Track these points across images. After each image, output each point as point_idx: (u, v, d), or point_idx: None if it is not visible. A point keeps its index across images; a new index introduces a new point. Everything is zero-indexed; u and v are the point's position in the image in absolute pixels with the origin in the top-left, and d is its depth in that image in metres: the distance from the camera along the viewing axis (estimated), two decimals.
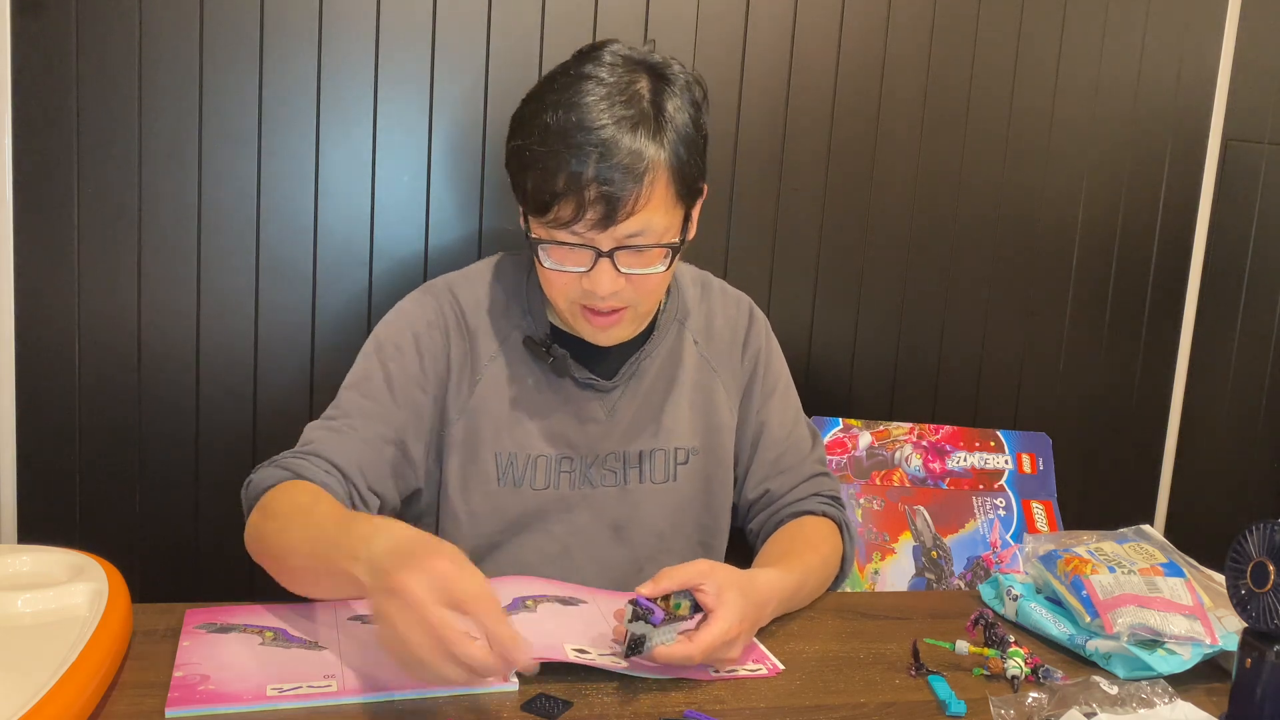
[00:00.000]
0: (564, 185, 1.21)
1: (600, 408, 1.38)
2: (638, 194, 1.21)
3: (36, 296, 1.64)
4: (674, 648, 1.08)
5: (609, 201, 1.20)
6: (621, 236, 1.23)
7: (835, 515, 1.43)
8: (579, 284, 1.26)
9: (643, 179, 1.21)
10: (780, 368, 1.51)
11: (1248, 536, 1.05)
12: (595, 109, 1.21)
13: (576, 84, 1.24)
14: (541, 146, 1.22)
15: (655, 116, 1.24)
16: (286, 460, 1.26)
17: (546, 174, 1.21)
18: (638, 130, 1.22)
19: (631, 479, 1.40)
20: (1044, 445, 2.00)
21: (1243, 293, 2.20)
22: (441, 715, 1.01)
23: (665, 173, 1.23)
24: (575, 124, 1.21)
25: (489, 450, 1.35)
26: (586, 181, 1.20)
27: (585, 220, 1.21)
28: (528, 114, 1.27)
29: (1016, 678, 1.14)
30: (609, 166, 1.20)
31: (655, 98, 1.25)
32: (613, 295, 1.26)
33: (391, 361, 1.34)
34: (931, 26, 1.93)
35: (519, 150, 1.26)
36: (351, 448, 1.29)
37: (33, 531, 1.68)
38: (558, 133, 1.21)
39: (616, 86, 1.23)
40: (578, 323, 1.32)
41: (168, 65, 1.64)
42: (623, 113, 1.22)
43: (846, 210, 1.94)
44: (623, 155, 1.20)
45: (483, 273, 1.42)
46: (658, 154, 1.22)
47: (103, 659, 1.00)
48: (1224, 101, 2.09)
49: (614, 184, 1.20)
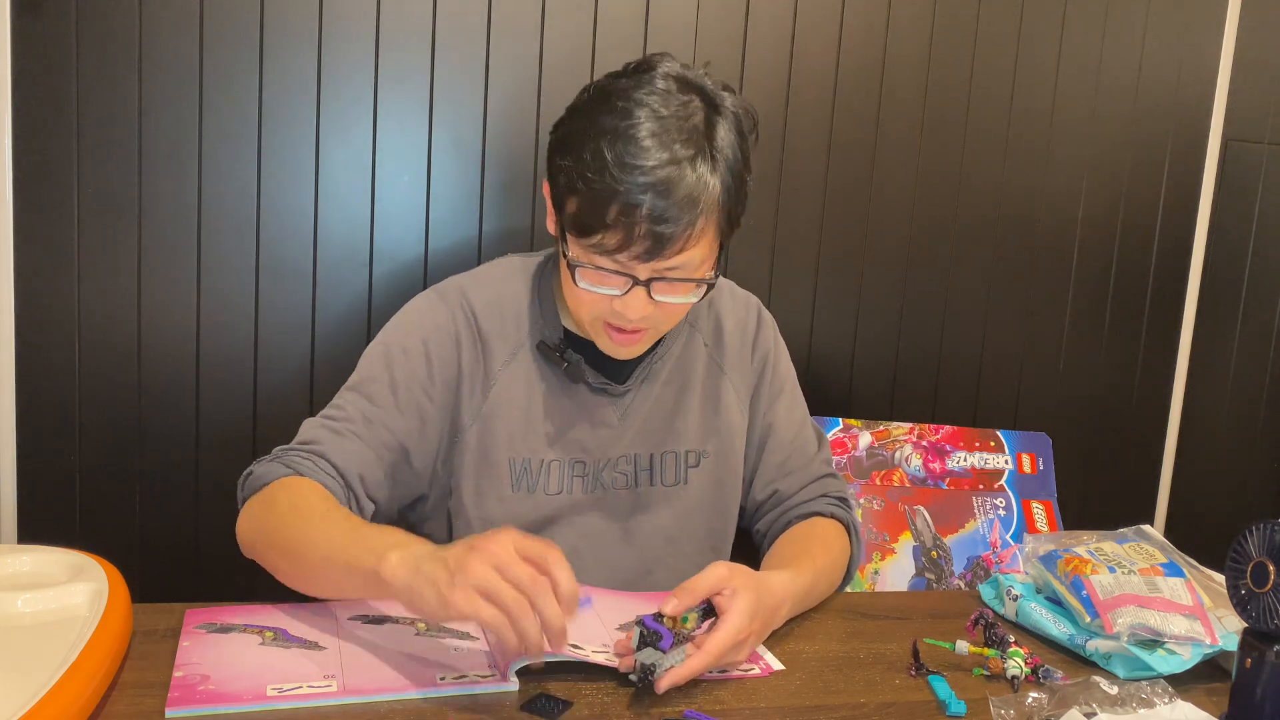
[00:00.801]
0: (614, 217, 1.18)
1: (613, 411, 1.38)
2: (689, 233, 1.20)
3: (36, 296, 1.64)
4: (682, 668, 1.06)
5: (657, 238, 1.18)
6: (661, 268, 1.22)
7: (843, 516, 1.43)
8: (608, 303, 1.25)
9: (696, 220, 1.19)
10: (787, 369, 1.51)
11: (1248, 536, 1.05)
12: (653, 143, 1.18)
13: (632, 111, 1.20)
14: (594, 175, 1.19)
15: (710, 152, 1.21)
16: (290, 458, 1.25)
17: (597, 202, 1.19)
18: (694, 166, 1.19)
19: (642, 482, 1.40)
20: (1044, 445, 2.00)
21: (1243, 293, 2.20)
22: (441, 715, 1.01)
23: (715, 211, 1.22)
24: (631, 157, 1.18)
25: (503, 456, 1.35)
26: (639, 217, 1.17)
27: (630, 251, 1.20)
28: (577, 134, 1.23)
29: (1016, 678, 1.14)
30: (664, 205, 1.17)
31: (708, 130, 1.22)
32: (641, 319, 1.26)
33: (398, 367, 1.33)
34: (931, 25, 1.93)
35: (568, 171, 1.22)
36: (353, 452, 1.28)
37: (33, 531, 1.68)
38: (614, 164, 1.18)
39: (674, 120, 1.20)
40: (598, 337, 1.31)
41: (168, 65, 1.64)
42: (681, 152, 1.19)
43: (846, 210, 1.94)
44: (678, 195, 1.18)
45: (494, 275, 1.41)
46: (711, 193, 1.20)
47: (103, 659, 1.00)
48: (1224, 101, 2.09)
49: (666, 222, 1.18)
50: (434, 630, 1.16)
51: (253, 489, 1.24)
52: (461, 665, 1.09)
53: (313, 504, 1.18)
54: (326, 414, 1.32)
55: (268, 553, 1.20)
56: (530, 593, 0.98)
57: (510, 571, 0.98)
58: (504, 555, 0.99)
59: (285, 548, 1.17)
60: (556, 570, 1.00)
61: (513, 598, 0.97)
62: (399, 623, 1.17)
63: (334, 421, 1.30)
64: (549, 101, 1.76)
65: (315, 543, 1.14)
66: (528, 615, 0.98)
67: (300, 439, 1.29)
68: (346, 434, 1.29)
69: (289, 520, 1.18)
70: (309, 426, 1.31)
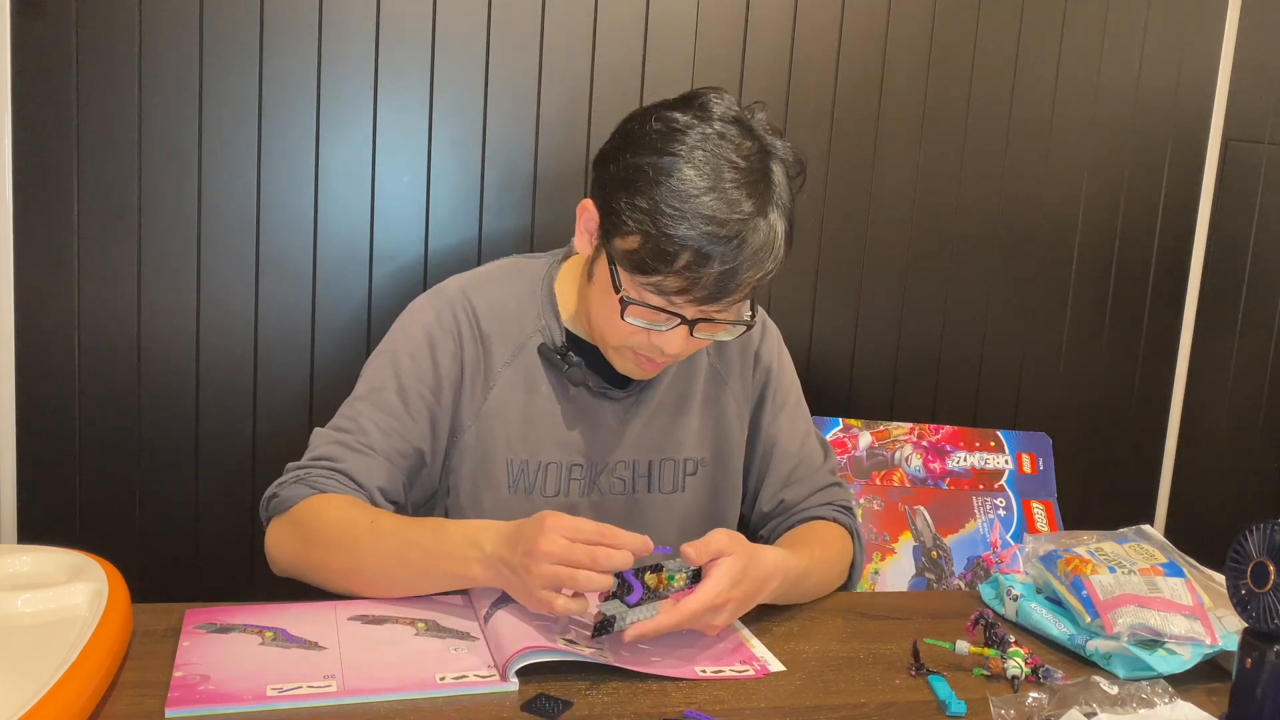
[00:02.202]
0: (684, 265, 1.17)
1: (613, 416, 1.38)
2: (751, 285, 1.21)
3: (36, 296, 1.64)
4: (651, 622, 1.09)
5: (722, 288, 1.18)
6: (710, 311, 1.22)
7: (847, 523, 1.44)
8: (646, 336, 1.25)
9: (767, 274, 1.21)
10: (791, 381, 1.51)
11: (1248, 536, 1.05)
12: (730, 195, 1.17)
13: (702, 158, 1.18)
14: (668, 221, 1.16)
15: (774, 202, 1.21)
16: (314, 478, 1.27)
17: (667, 247, 1.17)
18: (766, 218, 1.19)
19: (640, 488, 1.40)
20: (1044, 445, 2.00)
21: (1243, 293, 2.20)
22: (441, 715, 1.01)
23: (780, 262, 1.22)
24: (708, 209, 1.16)
25: (501, 456, 1.35)
26: (711, 267, 1.17)
27: (688, 295, 1.19)
28: (641, 172, 1.19)
29: (1016, 678, 1.14)
30: (737, 258, 1.17)
31: (770, 178, 1.21)
32: (675, 355, 1.27)
33: (405, 373, 1.33)
34: (932, 23, 1.93)
35: (635, 211, 1.18)
36: (372, 466, 1.29)
37: (33, 531, 1.68)
38: (691, 214, 1.16)
39: (746, 170, 1.19)
40: (623, 361, 1.31)
41: (168, 65, 1.64)
42: (752, 206, 1.18)
43: (847, 209, 1.94)
44: (751, 249, 1.17)
45: (496, 276, 1.41)
46: (780, 245, 1.21)
47: (103, 659, 1.00)
48: (1224, 101, 2.09)
49: (736, 274, 1.18)
50: (434, 630, 1.16)
51: (278, 510, 1.27)
52: (461, 665, 1.09)
53: (354, 516, 1.23)
54: (340, 426, 1.32)
55: (312, 567, 1.24)
56: (595, 569, 1.07)
57: (570, 558, 1.06)
58: (558, 550, 1.07)
59: (339, 563, 1.22)
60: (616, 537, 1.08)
61: (584, 579, 1.06)
62: (399, 623, 1.17)
63: (348, 435, 1.31)
64: (549, 101, 1.76)
65: (381, 551, 1.20)
66: (601, 584, 1.07)
67: (316, 454, 1.30)
68: (362, 449, 1.30)
69: (336, 535, 1.22)
70: (324, 441, 1.31)
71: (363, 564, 1.21)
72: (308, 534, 1.24)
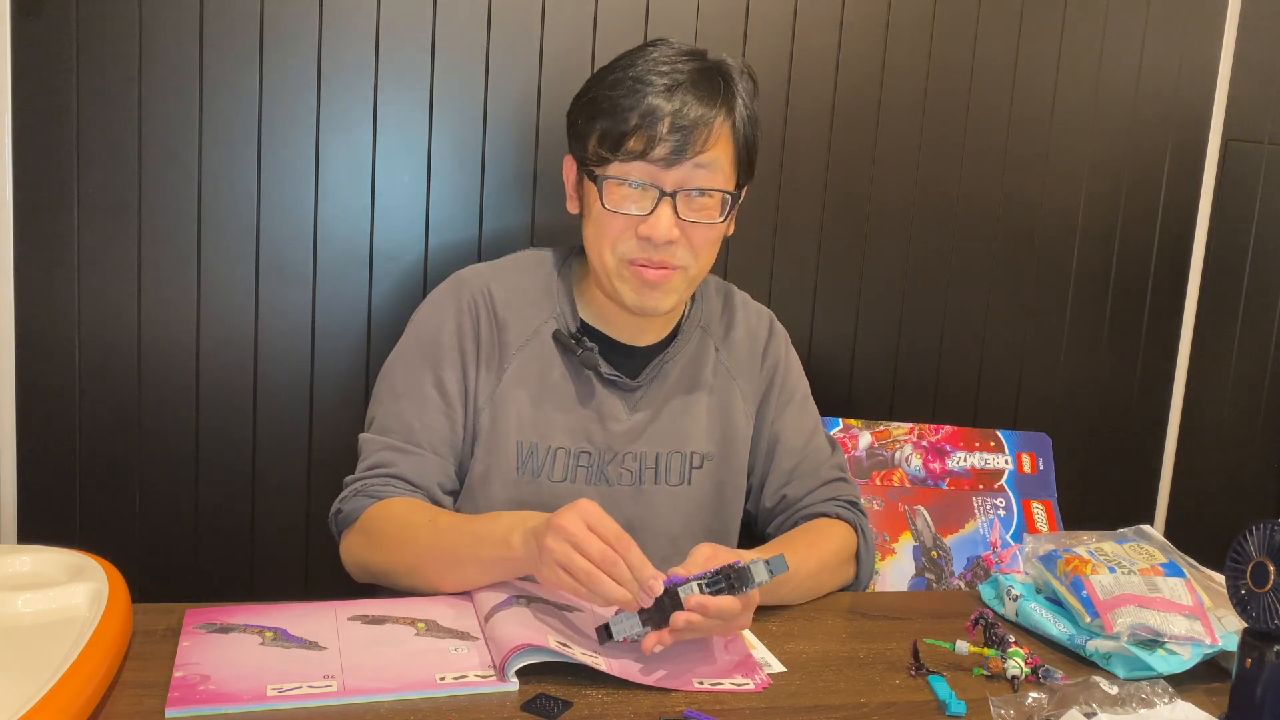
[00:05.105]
0: (638, 120, 1.27)
1: (622, 407, 1.39)
2: (708, 132, 1.28)
3: (37, 296, 1.64)
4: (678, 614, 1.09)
5: (681, 133, 1.26)
6: (685, 177, 1.28)
7: (850, 518, 1.44)
8: (634, 231, 1.29)
9: (715, 116, 1.28)
10: (798, 380, 1.52)
11: (1248, 536, 1.05)
12: (668, 62, 1.30)
13: (644, 51, 1.32)
14: (614, 90, 1.29)
15: (723, 80, 1.32)
16: (372, 488, 1.32)
17: (620, 111, 1.28)
18: (708, 76, 1.30)
19: (647, 479, 1.41)
20: (1044, 445, 1.99)
21: (1243, 293, 2.20)
22: (441, 715, 1.01)
23: (731, 124, 1.31)
24: (648, 71, 1.29)
25: (511, 438, 1.37)
26: (662, 115, 1.27)
27: (656, 153, 1.26)
28: (594, 81, 1.35)
29: (1016, 678, 1.14)
30: (685, 102, 1.27)
31: (719, 64, 1.33)
32: (667, 245, 1.29)
33: (435, 363, 1.37)
34: (932, 23, 1.93)
35: (589, 103, 1.32)
36: (424, 464, 1.34)
37: (33, 531, 1.68)
38: (633, 79, 1.29)
39: (683, 52, 1.32)
40: (625, 284, 1.33)
41: (168, 66, 1.64)
42: (695, 64, 1.31)
43: (846, 209, 1.94)
44: (697, 92, 1.28)
45: (512, 265, 1.45)
46: (727, 101, 1.30)
47: (103, 659, 1.00)
48: (1224, 101, 2.09)
49: (688, 118, 1.27)
50: (434, 630, 1.16)
51: (346, 524, 1.33)
52: (461, 665, 1.09)
53: (415, 518, 1.29)
54: (386, 428, 1.37)
55: (383, 570, 1.29)
56: (602, 566, 1.08)
57: (583, 545, 1.09)
58: (577, 532, 1.09)
59: (405, 561, 1.27)
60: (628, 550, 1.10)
61: (584, 569, 1.08)
62: (399, 623, 1.17)
63: (393, 436, 1.36)
64: (549, 101, 1.76)
65: (439, 545, 1.25)
66: (602, 582, 1.08)
67: (370, 463, 1.35)
68: (411, 449, 1.35)
69: (399, 537, 1.28)
70: (374, 449, 1.36)
71: (424, 560, 1.25)
72: (375, 541, 1.30)
